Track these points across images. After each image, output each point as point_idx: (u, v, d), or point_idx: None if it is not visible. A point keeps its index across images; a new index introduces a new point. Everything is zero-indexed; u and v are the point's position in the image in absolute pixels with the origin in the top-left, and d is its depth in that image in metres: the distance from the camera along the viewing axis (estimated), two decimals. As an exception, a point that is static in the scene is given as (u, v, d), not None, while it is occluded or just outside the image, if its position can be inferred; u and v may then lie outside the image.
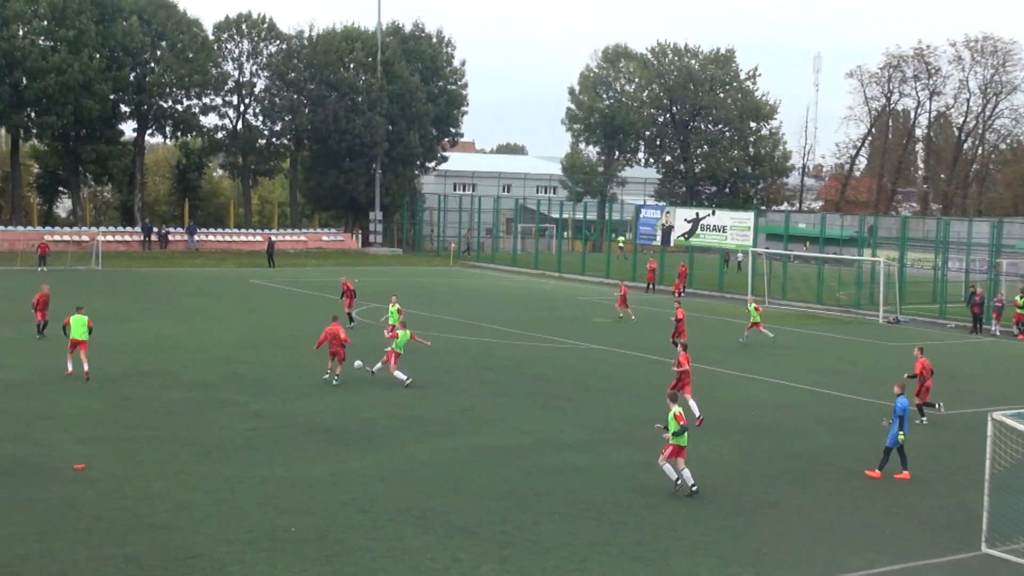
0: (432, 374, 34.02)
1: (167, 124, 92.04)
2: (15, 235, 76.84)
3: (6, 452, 22.71)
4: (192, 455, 22.99)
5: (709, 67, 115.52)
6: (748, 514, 20.37)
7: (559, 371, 35.48)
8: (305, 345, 38.80)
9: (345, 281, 46.19)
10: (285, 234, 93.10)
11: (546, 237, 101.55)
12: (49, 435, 24.32)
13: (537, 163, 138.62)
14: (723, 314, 56.07)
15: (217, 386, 30.93)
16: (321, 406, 28.48)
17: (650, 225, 73.07)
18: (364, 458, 23.27)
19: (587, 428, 27.21)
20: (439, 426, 26.70)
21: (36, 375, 31.65)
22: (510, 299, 59.89)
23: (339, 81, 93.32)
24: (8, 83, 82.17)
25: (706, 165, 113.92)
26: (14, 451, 22.83)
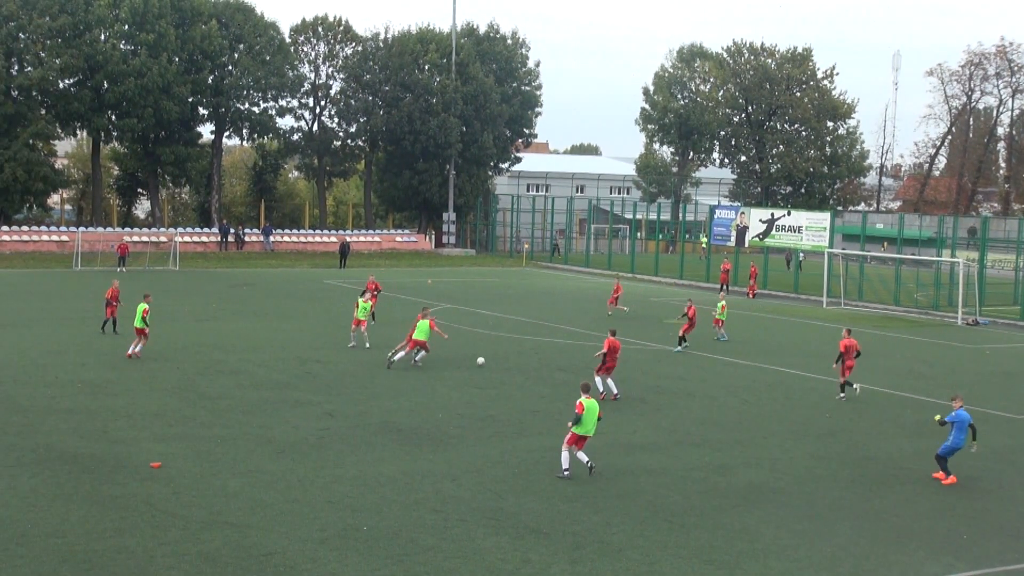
0: (504, 375, 34.07)
1: (244, 126, 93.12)
2: (95, 236, 78.12)
3: (85, 449, 23.11)
4: (266, 454, 23.23)
5: (785, 66, 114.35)
6: (822, 518, 20.13)
7: (631, 372, 35.32)
8: (377, 345, 39.06)
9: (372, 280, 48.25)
10: (359, 235, 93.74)
11: (619, 238, 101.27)
12: (127, 433, 24.71)
13: (611, 163, 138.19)
14: (796, 315, 55.51)
15: (291, 385, 31.22)
16: (393, 406, 28.63)
17: (724, 226, 72.58)
18: (435, 458, 23.35)
19: (659, 430, 27.08)
20: (510, 427, 26.73)
21: (115, 374, 32.17)
22: (582, 300, 59.77)
23: (414, 83, 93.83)
24: (90, 86, 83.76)
25: (782, 165, 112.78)
26: (92, 448, 23.22)
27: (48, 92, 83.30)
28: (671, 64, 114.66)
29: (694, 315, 41.25)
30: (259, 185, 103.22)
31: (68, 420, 25.77)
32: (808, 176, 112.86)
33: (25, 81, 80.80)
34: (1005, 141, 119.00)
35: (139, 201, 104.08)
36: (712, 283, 69.76)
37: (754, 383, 34.24)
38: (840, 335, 32.93)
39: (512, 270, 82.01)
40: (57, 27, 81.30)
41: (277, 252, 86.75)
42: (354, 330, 39.29)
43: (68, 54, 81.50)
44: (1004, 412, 31.12)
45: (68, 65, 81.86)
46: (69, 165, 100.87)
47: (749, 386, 33.66)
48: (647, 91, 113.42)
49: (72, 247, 73.91)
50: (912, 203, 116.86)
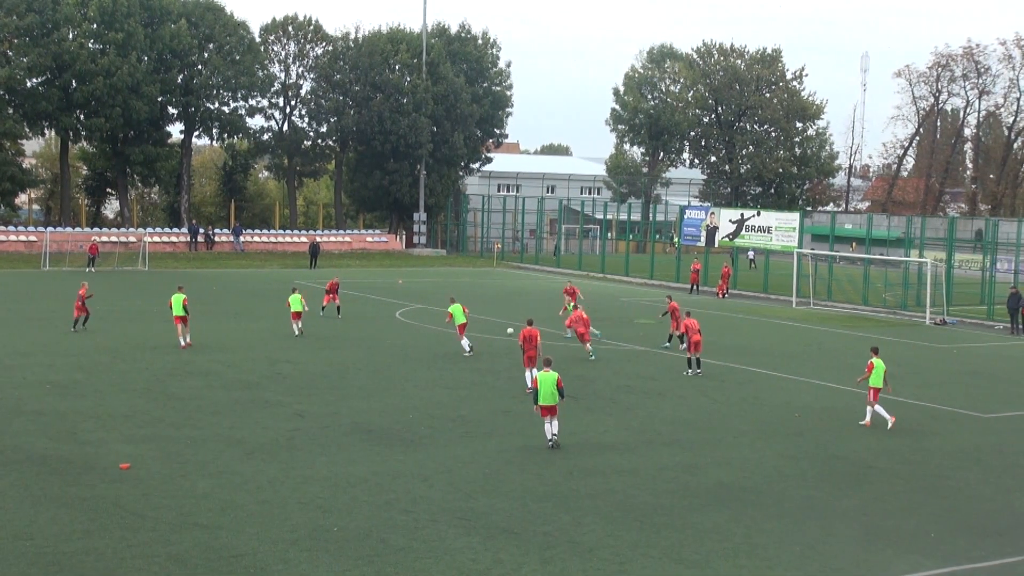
0: (475, 375, 34.07)
1: (214, 126, 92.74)
2: (64, 236, 77.64)
3: (53, 451, 22.97)
4: (236, 455, 23.15)
5: (755, 67, 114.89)
6: (792, 517, 20.24)
7: (601, 372, 35.41)
8: (348, 346, 39.02)
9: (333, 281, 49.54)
10: (330, 235, 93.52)
11: (590, 238, 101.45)
12: (95, 434, 24.57)
13: (581, 164, 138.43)
14: (766, 315, 55.75)
15: (261, 386, 31.13)
16: (364, 407, 28.59)
17: (694, 226, 72.80)
18: (406, 459, 23.33)
19: (629, 429, 27.14)
20: (481, 427, 26.74)
21: (83, 375, 31.99)
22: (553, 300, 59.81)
23: (384, 83, 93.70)
24: (57, 85, 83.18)
25: (751, 166, 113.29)
26: (61, 450, 23.08)
27: (15, 91, 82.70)
28: (641, 65, 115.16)
29: (675, 311, 41.33)
30: (229, 185, 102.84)
31: (36, 421, 25.62)
32: (777, 177, 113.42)
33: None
34: (972, 142, 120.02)
35: (108, 201, 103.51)
36: (683, 283, 69.95)
37: (724, 383, 34.36)
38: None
39: (483, 270, 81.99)
40: (24, 25, 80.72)
41: (247, 252, 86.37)
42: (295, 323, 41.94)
43: (36, 53, 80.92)
44: (971, 411, 31.36)
45: (36, 64, 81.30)
46: (37, 165, 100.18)
47: (719, 386, 33.78)
48: (617, 92, 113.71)
49: (40, 247, 73.42)
50: (880, 203, 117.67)
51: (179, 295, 37.87)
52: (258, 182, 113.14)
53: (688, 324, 35.71)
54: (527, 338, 32.00)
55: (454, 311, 37.83)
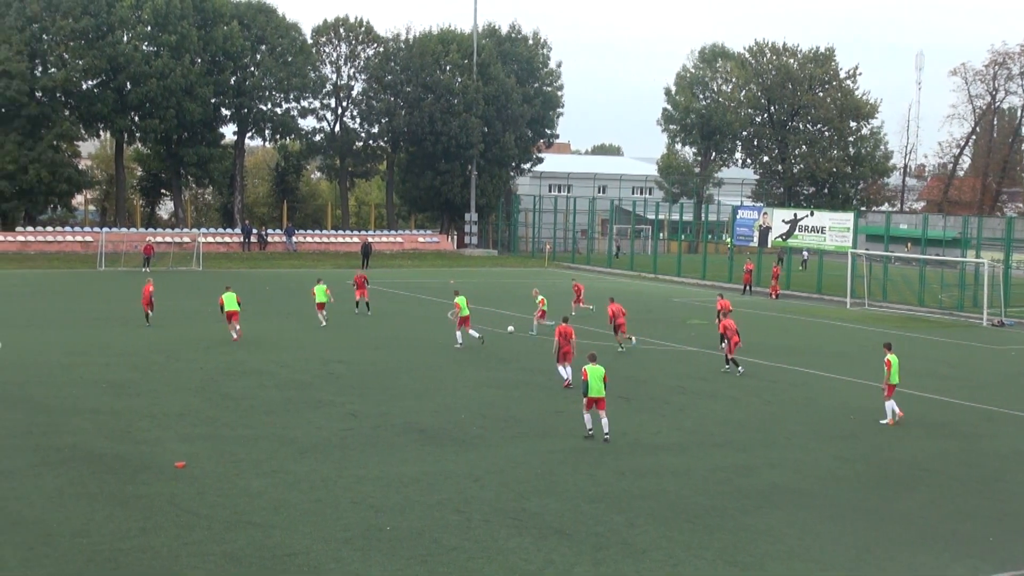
0: (527, 375, 34.07)
1: (266, 127, 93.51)
2: (119, 236, 78.56)
3: (109, 449, 23.23)
4: (289, 454, 23.30)
5: (808, 66, 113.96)
6: (846, 519, 20.06)
7: (653, 373, 35.31)
8: (399, 346, 39.17)
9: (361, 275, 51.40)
10: (381, 235, 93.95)
11: (641, 238, 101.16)
12: (151, 433, 24.83)
13: (633, 164, 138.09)
14: (819, 316, 55.33)
15: (314, 386, 31.32)
16: (416, 407, 28.68)
17: (747, 226, 72.40)
18: (458, 459, 23.37)
19: (682, 430, 27.04)
20: (533, 427, 26.73)
21: (139, 374, 32.33)
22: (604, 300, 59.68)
23: (435, 83, 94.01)
24: (112, 88, 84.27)
25: (804, 165, 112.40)
26: (117, 448, 23.34)
27: (72, 93, 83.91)
28: (693, 64, 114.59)
29: (725, 308, 41.45)
30: (281, 186, 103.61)
31: (93, 420, 25.93)
32: (831, 176, 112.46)
33: (49, 82, 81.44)
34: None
35: (162, 202, 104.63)
36: (736, 284, 69.60)
37: (777, 384, 34.14)
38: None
39: (534, 270, 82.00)
40: (80, 28, 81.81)
41: (299, 252, 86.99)
42: (321, 314, 44.68)
43: (91, 55, 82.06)
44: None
45: (91, 66, 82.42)
46: (93, 166, 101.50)
47: (772, 387, 33.57)
48: (669, 92, 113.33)
49: (96, 247, 74.31)
50: (936, 203, 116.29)
51: (230, 293, 40.01)
52: (310, 183, 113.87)
53: (726, 324, 36.14)
54: (563, 335, 32.44)
55: (460, 303, 39.25)
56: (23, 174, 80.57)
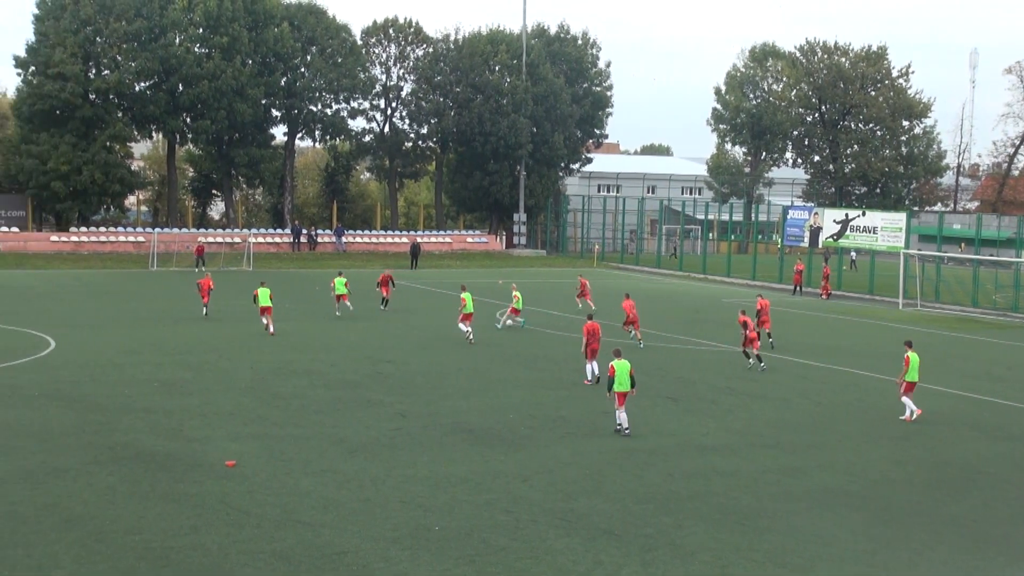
0: (574, 375, 34.02)
1: (316, 128, 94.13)
2: (171, 236, 79.39)
3: (161, 448, 23.45)
4: (338, 453, 23.41)
5: (860, 65, 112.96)
6: (899, 523, 19.86)
7: (703, 374, 35.15)
8: (447, 346, 39.27)
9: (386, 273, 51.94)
10: (430, 236, 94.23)
11: (691, 238, 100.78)
12: (202, 432, 25.03)
13: (682, 164, 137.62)
14: (871, 317, 54.84)
15: (363, 385, 31.44)
16: (464, 407, 28.72)
17: (798, 226, 71.91)
18: (507, 459, 23.38)
19: (731, 432, 26.88)
20: (581, 428, 26.69)
21: (190, 374, 32.60)
22: (654, 301, 59.54)
23: (484, 84, 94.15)
24: (165, 89, 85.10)
25: (856, 165, 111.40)
26: (168, 447, 23.55)
27: (124, 95, 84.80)
28: (743, 64, 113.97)
29: (764, 309, 41.38)
30: (331, 186, 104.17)
31: (144, 419, 26.17)
32: (883, 176, 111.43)
33: (102, 84, 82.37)
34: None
35: (213, 202, 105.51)
36: (786, 284, 69.19)
37: (828, 385, 33.87)
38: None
39: (583, 271, 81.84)
40: (133, 31, 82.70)
41: (349, 253, 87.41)
42: (337, 304, 47.15)
43: (143, 57, 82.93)
44: (1086, 416, 30.49)
45: (144, 68, 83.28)
46: (145, 167, 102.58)
47: (822, 388, 33.31)
48: (719, 91, 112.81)
49: (148, 248, 75.09)
50: (990, 203, 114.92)
51: (265, 289, 42.37)
52: (359, 183, 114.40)
53: (745, 321, 36.89)
54: (590, 332, 32.72)
55: (466, 299, 41.01)
56: (77, 175, 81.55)
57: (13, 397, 28.35)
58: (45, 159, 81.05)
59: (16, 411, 26.66)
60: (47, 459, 22.24)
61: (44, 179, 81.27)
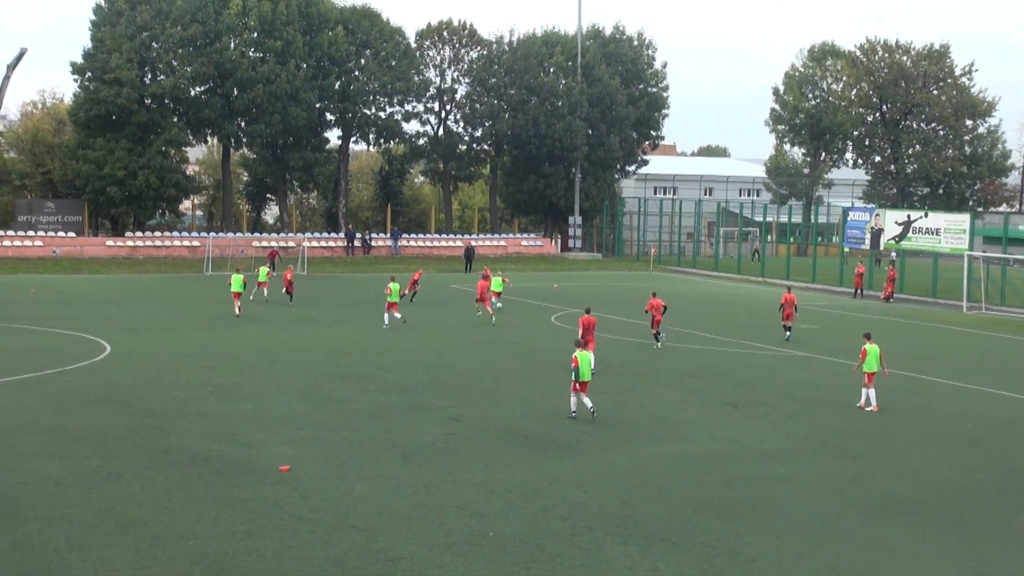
0: (631, 380, 33.85)
1: (370, 131, 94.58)
2: (225, 241, 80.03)
3: (216, 452, 23.58)
4: (393, 458, 23.42)
5: (921, 63, 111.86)
6: (965, 532, 19.53)
7: (762, 379, 34.85)
8: (503, 351, 39.25)
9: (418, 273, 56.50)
10: (485, 239, 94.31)
11: (749, 241, 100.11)
12: (256, 436, 25.14)
13: (740, 165, 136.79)
14: (934, 320, 54.14)
15: (417, 390, 31.47)
16: (519, 412, 28.65)
17: (858, 228, 71.21)
18: (563, 464, 23.28)
19: (792, 437, 26.61)
20: (639, 433, 26.53)
21: (244, 378, 32.79)
22: (711, 304, 59.21)
23: (539, 86, 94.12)
24: (220, 93, 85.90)
25: (918, 165, 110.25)
26: (223, 451, 23.68)
27: (180, 100, 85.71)
28: (802, 63, 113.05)
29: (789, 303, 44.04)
30: (385, 190, 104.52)
31: (199, 423, 26.35)
32: (946, 176, 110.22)
33: (158, 89, 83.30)
34: None
35: (268, 206, 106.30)
36: (846, 287, 68.52)
37: (891, 391, 33.41)
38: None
39: (640, 274, 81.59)
40: (188, 36, 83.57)
41: (404, 256, 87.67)
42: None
43: (199, 62, 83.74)
44: None
45: (199, 73, 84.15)
46: (200, 171, 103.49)
47: (886, 394, 32.85)
48: (777, 91, 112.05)
49: (203, 252, 75.74)
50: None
51: (238, 275, 47.84)
52: (414, 187, 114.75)
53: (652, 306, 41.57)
54: (585, 325, 34.03)
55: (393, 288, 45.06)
56: (132, 180, 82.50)
57: (69, 401, 28.66)
58: (101, 164, 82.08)
59: (72, 415, 26.94)
60: (102, 463, 22.45)
61: (100, 184, 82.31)
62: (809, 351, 41.31)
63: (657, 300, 41.83)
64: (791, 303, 44.35)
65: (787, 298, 44.63)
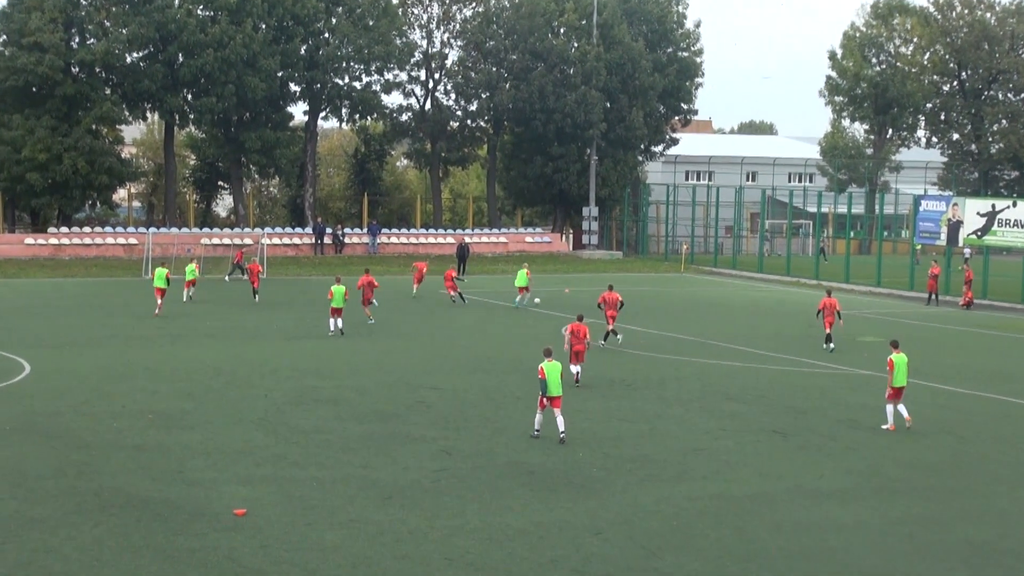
0: (660, 405, 33.83)
1: (343, 105, 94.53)
2: (169, 238, 79.95)
3: (157, 493, 23.54)
4: (370, 500, 23.40)
5: (1009, 21, 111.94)
6: (1062, 586, 19.56)
7: (817, 402, 34.82)
8: (503, 368, 39.24)
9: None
10: (482, 235, 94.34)
11: (800, 236, 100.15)
12: (206, 474, 25.11)
13: (789, 145, 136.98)
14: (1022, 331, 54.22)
15: (400, 417, 31.44)
16: (524, 443, 28.61)
17: (933, 220, 71.20)
18: (575, 507, 23.27)
19: (852, 474, 26.58)
20: (668, 469, 26.51)
21: (192, 404, 32.75)
22: (755, 313, 59.18)
23: (547, 50, 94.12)
24: (161, 61, 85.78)
25: (1005, 144, 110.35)
26: (166, 492, 23.64)
27: (114, 68, 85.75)
28: (864, 22, 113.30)
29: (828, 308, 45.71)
30: (361, 176, 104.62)
31: (137, 458, 26.30)
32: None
33: (87, 56, 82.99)
34: None
35: (220, 196, 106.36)
36: (918, 291, 68.50)
37: (975, 417, 33.43)
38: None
39: (668, 276, 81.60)
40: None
41: (383, 255, 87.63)
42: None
43: (136, 23, 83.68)
44: None
45: (136, 36, 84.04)
46: (138, 154, 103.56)
47: (968, 420, 32.89)
48: (834, 55, 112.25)
49: (142, 251, 75.71)
50: None
51: (162, 269, 52.42)
52: (396, 172, 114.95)
53: (827, 303, 45.23)
54: (575, 333, 35.78)
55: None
56: (56, 164, 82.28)
57: (-20, 432, 28.67)
58: (19, 146, 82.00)
59: (-17, 449, 26.94)
60: (21, 507, 22.42)
61: (17, 170, 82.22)
62: (872, 369, 41.33)
63: (614, 294, 44.08)
64: (832, 308, 45.48)
65: (826, 303, 45.81)
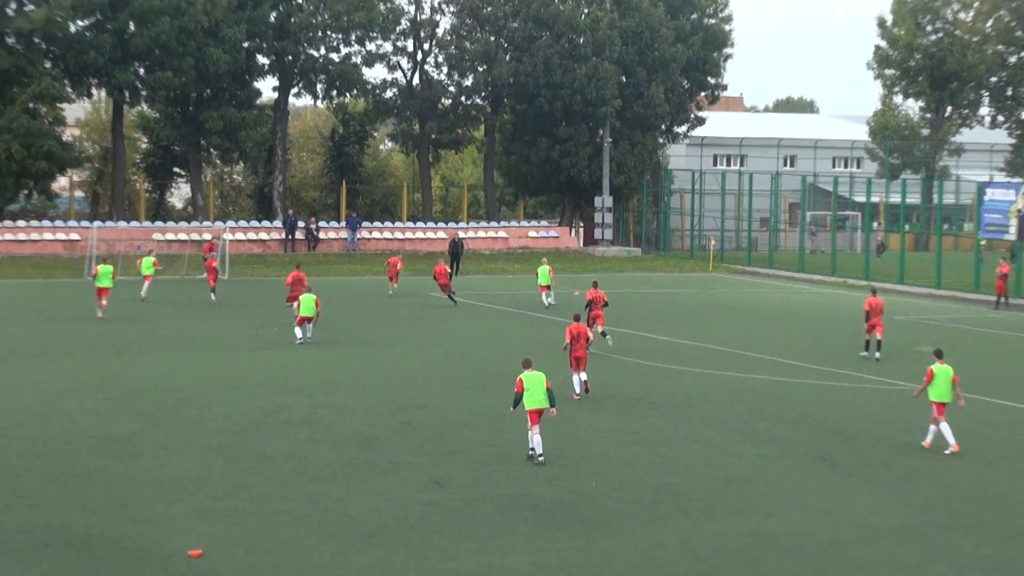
0: (684, 426, 33.61)
1: (318, 80, 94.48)
2: (116, 233, 79.74)
3: (101, 531, 23.35)
4: (349, 538, 23.22)
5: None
6: None
7: (869, 423, 34.66)
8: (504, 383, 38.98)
9: None
10: (478, 229, 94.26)
11: (847, 230, 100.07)
12: (156, 508, 24.92)
13: (832, 125, 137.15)
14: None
15: (383, 441, 31.31)
16: (527, 472, 28.44)
17: (1000, 211, 71.12)
18: (588, 546, 23.08)
19: (911, 506, 26.40)
20: (695, 502, 26.31)
21: (141, 423, 32.64)
22: (796, 319, 59.08)
23: (552, 16, 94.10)
24: (110, 30, 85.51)
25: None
26: (111, 529, 23.45)
27: (55, 39, 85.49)
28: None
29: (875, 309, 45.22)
30: (339, 161, 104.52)
31: (77, 489, 26.13)
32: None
33: (25, 24, 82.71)
34: None
35: (175, 185, 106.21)
36: (985, 294, 68.30)
37: (1049, 439, 33.29)
38: None
39: (694, 276, 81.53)
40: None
41: (364, 252, 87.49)
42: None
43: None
44: None
45: (81, 2, 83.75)
46: (82, 137, 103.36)
47: (1041, 443, 32.73)
48: (883, 22, 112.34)
49: (84, 249, 75.45)
50: None
51: (107, 266, 53.51)
52: (378, 157, 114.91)
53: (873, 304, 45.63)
54: (575, 336, 35.95)
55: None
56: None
57: None
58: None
59: (-102, 479, 26.74)
60: (-61, 547, 22.21)
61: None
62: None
63: (599, 292, 45.10)
64: (878, 310, 45.64)
65: (872, 303, 45.75)
